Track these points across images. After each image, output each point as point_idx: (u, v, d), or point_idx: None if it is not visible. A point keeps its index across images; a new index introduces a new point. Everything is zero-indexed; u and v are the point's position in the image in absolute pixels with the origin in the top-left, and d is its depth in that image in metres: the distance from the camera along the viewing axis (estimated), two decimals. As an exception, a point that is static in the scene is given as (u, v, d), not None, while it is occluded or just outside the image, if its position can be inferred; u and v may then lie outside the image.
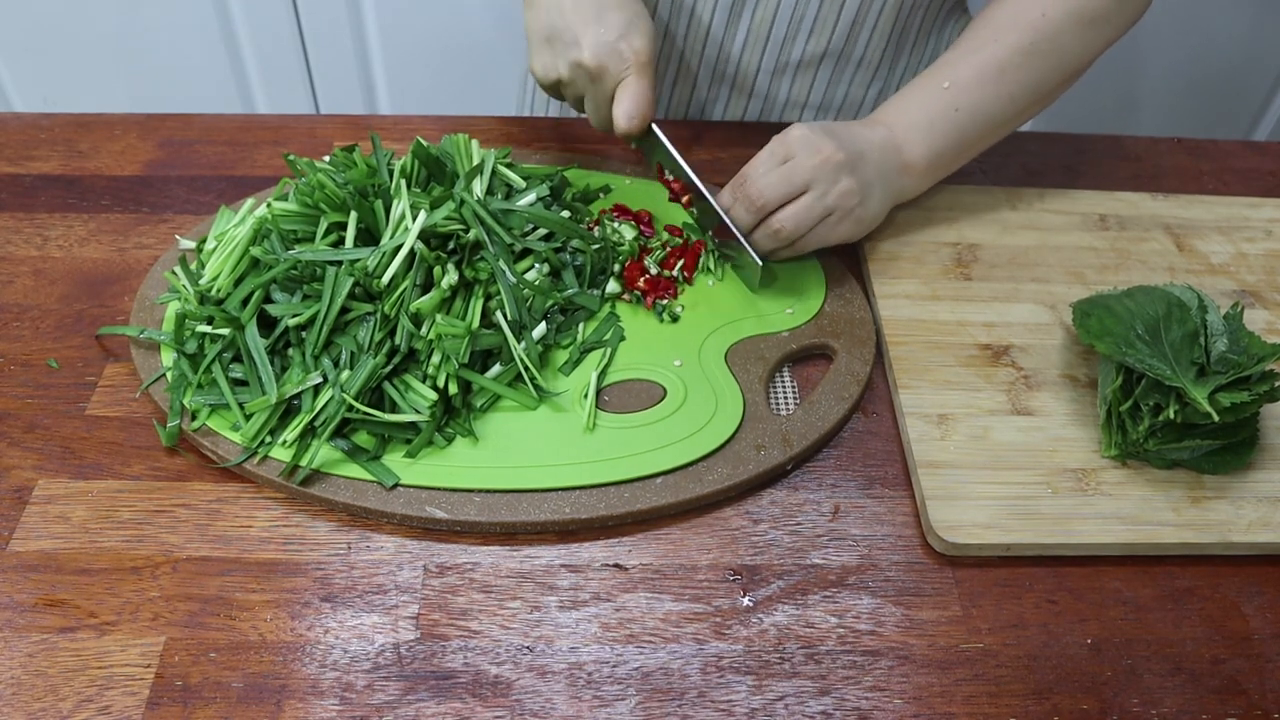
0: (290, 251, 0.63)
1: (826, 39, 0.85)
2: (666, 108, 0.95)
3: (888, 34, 0.87)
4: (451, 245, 0.66)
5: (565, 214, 0.71)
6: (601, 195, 0.79)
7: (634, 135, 0.71)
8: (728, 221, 0.70)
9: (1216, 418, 0.57)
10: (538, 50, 0.72)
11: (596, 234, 0.73)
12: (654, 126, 0.71)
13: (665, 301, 0.71)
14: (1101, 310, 0.66)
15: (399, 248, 0.63)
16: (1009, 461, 0.63)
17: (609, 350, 0.68)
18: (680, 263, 0.73)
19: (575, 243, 0.70)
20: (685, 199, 0.74)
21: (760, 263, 0.69)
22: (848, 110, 0.93)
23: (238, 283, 0.64)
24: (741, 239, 0.70)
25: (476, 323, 0.63)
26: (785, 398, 0.67)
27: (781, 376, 0.69)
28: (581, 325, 0.69)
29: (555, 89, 0.74)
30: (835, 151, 0.69)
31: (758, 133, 0.68)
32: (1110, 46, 0.76)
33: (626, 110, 0.69)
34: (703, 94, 0.93)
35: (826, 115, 0.93)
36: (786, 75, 0.88)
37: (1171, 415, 0.59)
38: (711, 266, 0.74)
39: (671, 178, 0.74)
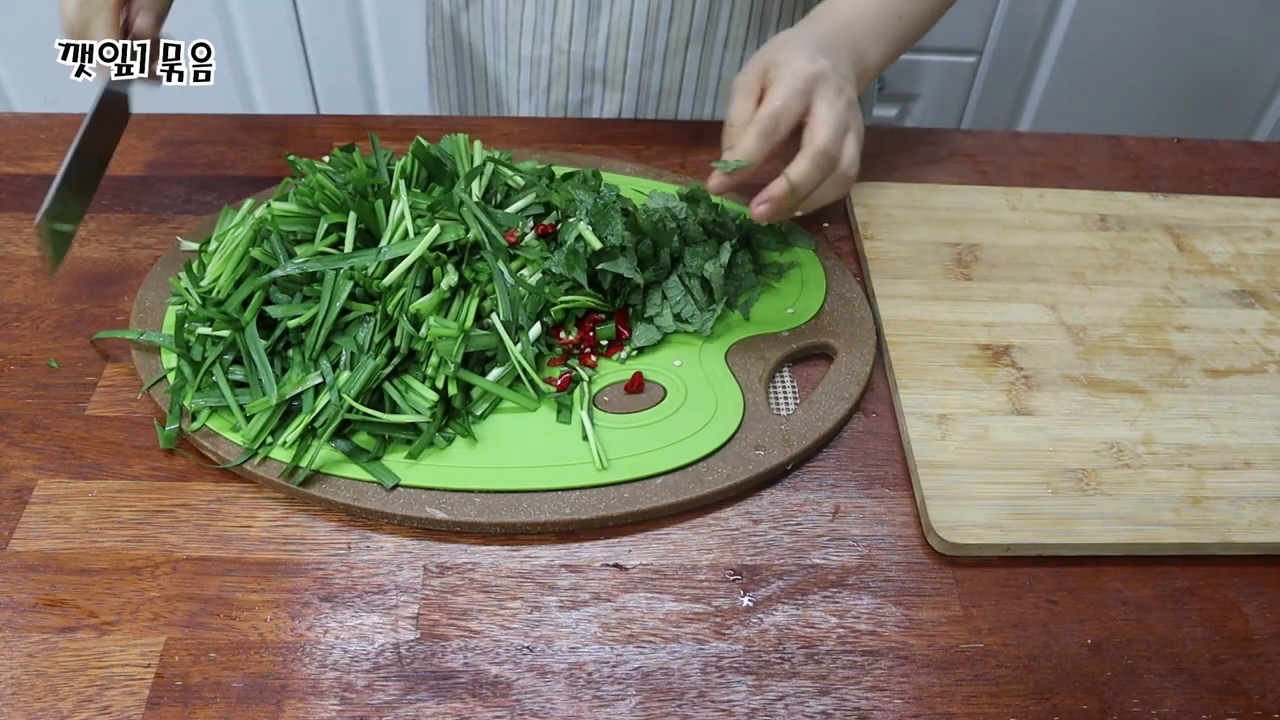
0: (292, 260, 0.63)
1: (687, 27, 0.87)
2: (547, 108, 0.96)
3: (748, 14, 0.88)
4: (451, 246, 0.66)
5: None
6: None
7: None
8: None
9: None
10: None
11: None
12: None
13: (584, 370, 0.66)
14: None
15: (401, 258, 0.63)
16: (1009, 461, 0.63)
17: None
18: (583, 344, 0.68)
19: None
20: None
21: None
22: (724, 91, 0.93)
23: (238, 284, 0.64)
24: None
25: (470, 324, 0.63)
26: (785, 398, 0.67)
27: (781, 376, 0.69)
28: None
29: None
30: (848, 86, 0.68)
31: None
32: None
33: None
34: (577, 94, 0.94)
35: (702, 98, 0.94)
36: (655, 65, 0.90)
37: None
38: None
39: None
